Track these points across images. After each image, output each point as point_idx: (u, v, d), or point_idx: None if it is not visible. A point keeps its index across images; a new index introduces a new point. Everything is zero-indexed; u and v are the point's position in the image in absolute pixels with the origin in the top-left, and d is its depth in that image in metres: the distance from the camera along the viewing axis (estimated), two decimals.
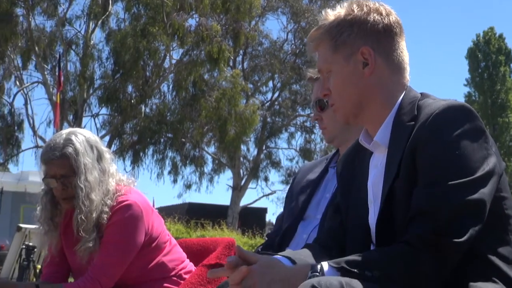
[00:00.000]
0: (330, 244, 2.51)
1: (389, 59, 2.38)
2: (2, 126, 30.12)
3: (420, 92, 2.39)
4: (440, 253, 2.08)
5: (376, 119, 2.38)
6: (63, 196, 3.53)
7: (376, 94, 2.37)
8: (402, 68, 2.40)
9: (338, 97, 2.42)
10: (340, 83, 2.40)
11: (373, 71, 2.36)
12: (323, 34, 2.42)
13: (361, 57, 2.36)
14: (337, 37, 2.38)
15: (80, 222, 3.46)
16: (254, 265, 2.12)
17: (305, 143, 38.29)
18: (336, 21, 2.40)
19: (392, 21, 2.39)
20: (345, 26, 2.38)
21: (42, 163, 3.57)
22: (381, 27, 2.37)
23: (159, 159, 32.37)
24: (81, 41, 29.97)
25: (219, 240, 3.95)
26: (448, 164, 2.13)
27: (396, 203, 2.23)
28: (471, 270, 2.16)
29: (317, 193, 3.39)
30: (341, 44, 2.38)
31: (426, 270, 2.09)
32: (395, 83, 2.38)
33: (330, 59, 2.41)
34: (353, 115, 2.43)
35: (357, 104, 2.40)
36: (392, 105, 2.35)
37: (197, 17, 28.85)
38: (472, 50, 47.31)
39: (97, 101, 30.25)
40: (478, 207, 2.11)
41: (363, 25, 2.37)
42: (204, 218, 31.81)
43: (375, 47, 2.36)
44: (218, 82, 30.39)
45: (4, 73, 29.97)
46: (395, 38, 2.39)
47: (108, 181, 3.56)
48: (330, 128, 3.36)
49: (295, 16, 36.36)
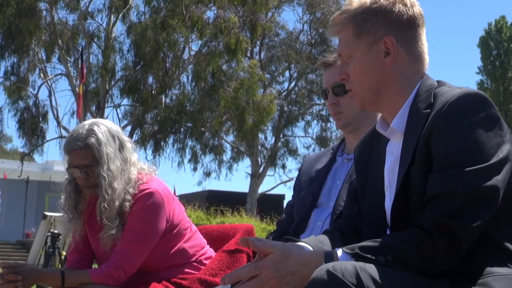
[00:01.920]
0: (348, 231, 2.50)
1: (411, 50, 2.36)
2: (27, 117, 30.51)
3: (437, 80, 2.38)
4: (453, 237, 2.07)
5: (393, 107, 2.37)
6: (87, 185, 3.55)
7: (395, 83, 2.36)
8: (422, 58, 2.39)
9: (357, 83, 2.41)
10: (360, 70, 2.39)
11: (394, 61, 2.35)
12: (347, 19, 2.39)
13: (383, 46, 2.34)
14: (361, 24, 2.36)
15: (103, 210, 3.48)
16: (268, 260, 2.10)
17: (321, 131, 38.81)
18: (361, 8, 2.37)
19: (416, 12, 2.37)
20: (370, 14, 2.35)
21: (65, 153, 3.58)
22: (405, 18, 2.34)
23: (179, 148, 32.79)
24: (102, 34, 30.42)
25: (238, 226, 3.95)
26: (462, 150, 2.12)
27: (411, 189, 2.22)
28: (485, 255, 2.14)
29: (327, 181, 3.39)
30: (365, 32, 2.36)
31: (439, 254, 2.08)
32: (414, 72, 2.37)
33: (352, 45, 2.39)
34: (370, 101, 2.42)
35: (375, 91, 2.38)
36: (410, 93, 2.34)
37: (215, 9, 29.35)
38: (484, 38, 47.54)
39: (118, 92, 30.76)
40: (492, 193, 2.09)
41: (388, 14, 2.34)
42: (224, 205, 32.21)
43: (398, 37, 2.34)
44: (236, 73, 30.86)
45: (28, 65, 30.41)
46: (418, 29, 2.37)
47: (130, 170, 3.58)
48: (345, 113, 3.34)
49: (311, 7, 36.77)
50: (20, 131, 30.85)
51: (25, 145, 31.52)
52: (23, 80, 30.23)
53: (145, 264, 3.56)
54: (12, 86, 29.91)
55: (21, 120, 30.63)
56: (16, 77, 30.20)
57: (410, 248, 2.07)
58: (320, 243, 2.35)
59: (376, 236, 2.18)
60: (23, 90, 30.34)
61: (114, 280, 3.48)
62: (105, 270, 3.48)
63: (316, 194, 3.37)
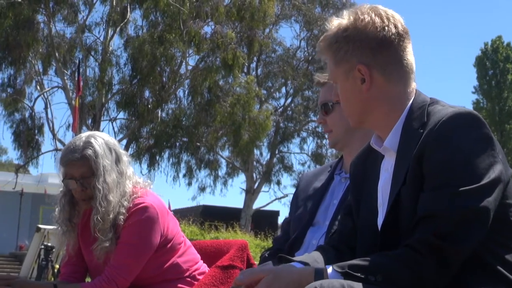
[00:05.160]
0: (342, 246, 2.50)
1: (388, 71, 2.35)
2: (23, 129, 30.39)
3: (430, 98, 2.38)
4: (443, 258, 2.07)
5: (383, 125, 2.39)
6: (82, 197, 3.54)
7: (379, 105, 2.37)
8: (405, 77, 2.37)
9: (345, 107, 2.46)
10: (343, 95, 2.44)
11: (371, 86, 2.35)
12: (326, 47, 2.43)
13: (358, 73, 2.35)
14: (336, 53, 2.39)
15: (96, 222, 3.48)
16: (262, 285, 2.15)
17: (317, 148, 38.72)
18: (335, 37, 2.39)
19: (390, 32, 2.34)
20: (342, 43, 2.37)
21: (61, 165, 3.57)
22: (377, 42, 2.33)
23: (175, 162, 32.70)
24: (100, 47, 30.34)
25: (232, 242, 3.93)
26: (454, 170, 2.11)
27: (402, 209, 2.22)
28: (476, 277, 2.14)
29: (325, 200, 3.39)
30: (340, 61, 2.38)
31: (428, 275, 2.08)
32: (398, 92, 2.36)
33: (334, 72, 2.43)
34: (360, 122, 2.45)
35: (361, 114, 2.42)
36: (400, 112, 2.34)
37: (213, 24, 29.29)
38: (480, 58, 47.62)
39: (115, 105, 30.65)
40: (483, 215, 2.08)
41: (357, 42, 2.34)
42: (218, 220, 32.19)
43: (371, 62, 2.34)
44: (232, 88, 30.77)
45: (25, 78, 30.33)
46: (393, 49, 2.34)
47: (125, 183, 3.58)
48: (334, 132, 3.36)
49: (308, 24, 36.87)
50: (15, 143, 30.72)
51: (20, 157, 31.49)
52: (20, 92, 30.10)
53: (138, 278, 3.56)
54: (8, 98, 29.75)
55: (16, 132, 30.48)
56: (13, 89, 30.06)
57: (399, 268, 2.09)
58: (315, 261, 2.36)
59: (370, 253, 2.20)
60: (19, 102, 30.19)
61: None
62: (97, 284, 3.47)
63: (312, 213, 3.37)
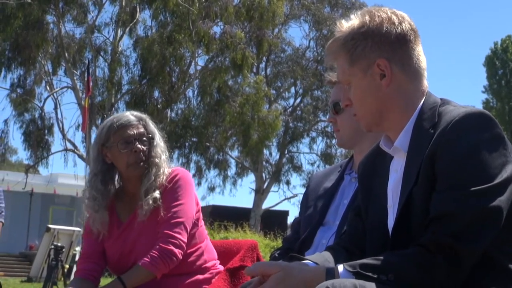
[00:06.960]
0: (352, 248, 2.50)
1: (406, 67, 2.35)
2: (32, 129, 30.51)
3: (440, 98, 2.38)
4: (455, 257, 2.07)
5: (397, 126, 2.37)
6: (140, 158, 3.60)
7: (396, 103, 2.36)
8: (420, 74, 2.38)
9: (359, 108, 2.42)
10: (359, 95, 2.40)
11: (391, 81, 2.34)
12: (339, 47, 2.40)
13: (377, 69, 2.34)
14: (353, 50, 2.36)
15: (148, 185, 3.57)
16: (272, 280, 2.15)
17: (326, 147, 38.79)
18: (350, 34, 2.37)
19: (406, 29, 2.35)
20: (359, 40, 2.35)
21: (119, 129, 3.60)
22: (395, 37, 2.33)
23: (184, 162, 32.69)
24: (109, 48, 30.46)
25: (242, 242, 3.94)
26: (466, 170, 2.11)
27: (413, 209, 2.21)
28: (487, 275, 2.14)
29: (335, 200, 3.39)
30: (357, 58, 2.36)
31: (440, 274, 2.08)
32: (414, 90, 2.36)
33: (348, 72, 2.39)
34: (375, 124, 2.42)
35: (377, 114, 2.39)
36: (412, 111, 2.34)
37: (222, 24, 29.37)
38: (490, 57, 47.72)
39: (124, 105, 30.54)
40: (495, 214, 2.09)
41: (376, 37, 2.34)
42: (227, 220, 32.02)
43: (391, 57, 2.34)
44: (241, 88, 30.80)
45: (35, 78, 30.42)
46: (410, 45, 2.35)
47: (166, 152, 3.72)
48: (343, 131, 3.35)
49: (317, 24, 36.92)
50: (25, 143, 30.82)
51: (30, 157, 31.50)
52: (29, 92, 30.23)
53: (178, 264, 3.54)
54: (18, 98, 29.90)
55: (26, 132, 30.58)
56: (23, 90, 30.20)
57: (411, 267, 2.09)
58: (326, 261, 2.36)
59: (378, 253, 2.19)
60: (29, 102, 30.31)
61: (168, 257, 3.46)
62: (156, 252, 3.47)
63: (323, 212, 3.38)
